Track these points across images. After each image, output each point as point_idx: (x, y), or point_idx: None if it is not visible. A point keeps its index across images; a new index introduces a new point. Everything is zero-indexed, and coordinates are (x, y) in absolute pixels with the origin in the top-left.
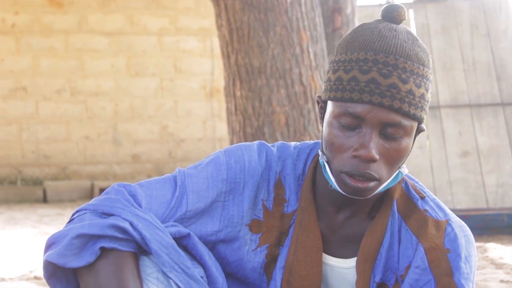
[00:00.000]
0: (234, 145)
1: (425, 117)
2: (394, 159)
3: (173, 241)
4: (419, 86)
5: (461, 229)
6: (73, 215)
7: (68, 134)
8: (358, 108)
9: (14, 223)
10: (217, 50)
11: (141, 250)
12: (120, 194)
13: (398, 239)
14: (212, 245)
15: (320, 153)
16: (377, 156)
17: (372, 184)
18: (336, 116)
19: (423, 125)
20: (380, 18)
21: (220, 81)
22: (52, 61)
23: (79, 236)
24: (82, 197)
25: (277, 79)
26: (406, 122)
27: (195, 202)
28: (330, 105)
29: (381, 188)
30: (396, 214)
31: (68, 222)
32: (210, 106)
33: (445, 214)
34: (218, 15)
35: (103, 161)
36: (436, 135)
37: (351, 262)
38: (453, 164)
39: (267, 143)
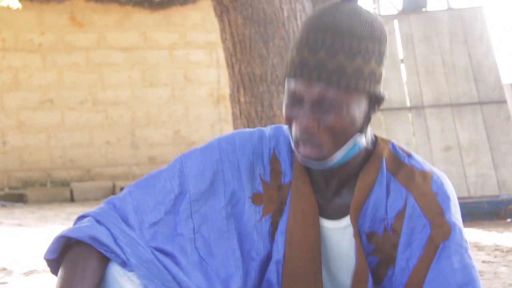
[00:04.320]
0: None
1: (368, 87)
2: (336, 128)
3: (153, 257)
4: (351, 59)
5: (445, 178)
6: (78, 218)
7: (91, 140)
8: (294, 84)
9: (46, 220)
10: (222, 61)
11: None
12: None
13: (386, 193)
14: (226, 222)
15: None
16: (313, 125)
17: (323, 150)
18: (285, 92)
19: (382, 94)
20: None
21: (225, 89)
22: (75, 75)
23: (62, 236)
24: (105, 196)
25: (277, 86)
26: (339, 93)
27: (196, 185)
28: None
29: (338, 156)
30: (385, 171)
31: (73, 224)
32: (217, 111)
33: (430, 167)
34: (222, 30)
35: (123, 163)
36: (421, 133)
37: (346, 220)
38: (437, 158)
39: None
